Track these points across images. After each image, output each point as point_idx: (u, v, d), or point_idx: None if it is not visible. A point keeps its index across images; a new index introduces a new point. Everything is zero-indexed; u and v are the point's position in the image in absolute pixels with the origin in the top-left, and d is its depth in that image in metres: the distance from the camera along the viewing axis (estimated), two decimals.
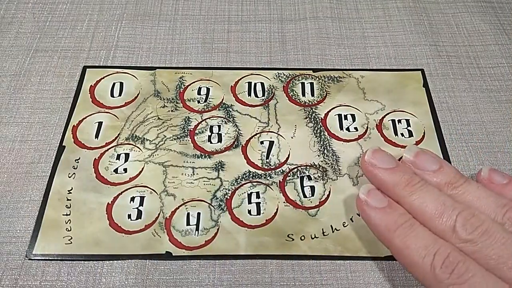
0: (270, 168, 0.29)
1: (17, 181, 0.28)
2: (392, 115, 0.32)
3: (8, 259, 0.26)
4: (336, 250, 0.26)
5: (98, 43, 0.36)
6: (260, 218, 0.27)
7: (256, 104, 0.32)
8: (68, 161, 0.29)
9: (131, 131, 0.31)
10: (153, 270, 0.25)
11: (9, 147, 0.30)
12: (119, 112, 0.32)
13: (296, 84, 0.33)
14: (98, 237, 0.26)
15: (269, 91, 0.33)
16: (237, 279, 0.25)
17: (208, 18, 0.38)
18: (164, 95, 0.32)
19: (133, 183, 0.28)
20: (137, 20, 0.37)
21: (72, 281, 0.25)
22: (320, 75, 0.34)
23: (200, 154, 0.30)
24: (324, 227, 0.27)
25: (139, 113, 0.32)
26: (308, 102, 0.32)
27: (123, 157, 0.29)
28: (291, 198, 0.28)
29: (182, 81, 0.33)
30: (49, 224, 0.27)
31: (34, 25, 0.37)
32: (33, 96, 0.32)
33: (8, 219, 0.27)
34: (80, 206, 0.27)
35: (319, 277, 0.25)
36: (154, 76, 0.34)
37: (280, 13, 0.38)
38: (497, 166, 0.30)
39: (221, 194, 0.28)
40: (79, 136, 0.30)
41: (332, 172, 0.29)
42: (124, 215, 0.27)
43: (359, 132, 0.31)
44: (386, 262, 0.26)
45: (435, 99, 0.33)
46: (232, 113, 0.32)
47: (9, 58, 0.34)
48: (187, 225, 0.27)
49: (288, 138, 0.30)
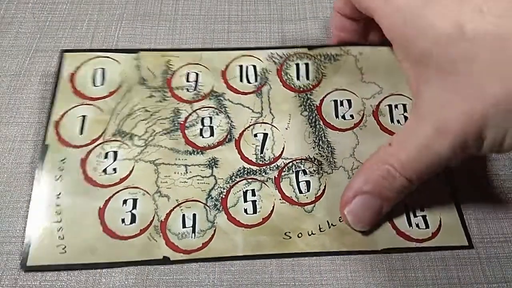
0: (264, 163, 0.28)
1: (17, 181, 0.28)
2: (389, 99, 0.31)
3: (8, 259, 0.26)
4: (333, 246, 0.26)
5: (98, 43, 0.36)
6: (257, 216, 0.27)
7: (248, 92, 0.31)
8: (53, 161, 0.28)
9: (117, 125, 0.29)
10: (153, 270, 0.25)
11: (9, 147, 0.30)
12: (103, 104, 0.30)
13: (290, 66, 0.32)
14: (93, 244, 0.25)
15: (261, 76, 0.32)
16: (237, 279, 0.25)
17: (208, 18, 0.38)
18: (150, 83, 0.31)
19: (124, 184, 0.27)
20: (137, 20, 0.37)
21: (72, 281, 0.25)
22: (316, 53, 0.33)
23: (192, 150, 0.29)
24: (321, 223, 0.27)
25: (125, 104, 0.30)
26: (303, 87, 0.31)
27: (112, 155, 0.28)
28: (287, 194, 0.27)
29: (169, 65, 0.32)
30: (41, 233, 0.26)
31: (34, 25, 0.37)
32: (33, 96, 0.32)
33: (8, 219, 0.27)
34: (71, 212, 0.26)
35: (319, 277, 0.25)
36: (138, 60, 0.32)
37: (280, 13, 0.38)
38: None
39: (216, 193, 0.27)
40: (62, 133, 0.29)
41: (327, 165, 0.29)
42: (118, 219, 0.26)
43: (355, 120, 0.30)
44: (386, 262, 0.26)
45: None
46: (224, 103, 0.31)
47: (9, 58, 0.34)
48: (183, 227, 0.26)
49: (283, 129, 0.30)
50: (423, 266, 0.26)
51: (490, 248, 0.27)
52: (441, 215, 0.27)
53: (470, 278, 0.25)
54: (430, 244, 0.26)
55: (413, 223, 0.27)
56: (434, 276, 0.25)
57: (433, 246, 0.26)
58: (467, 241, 0.26)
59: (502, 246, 0.27)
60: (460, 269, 0.26)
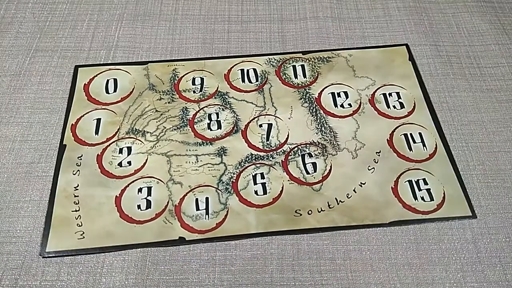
0: (271, 149, 0.30)
1: (17, 181, 0.28)
2: (383, 89, 0.33)
3: (8, 259, 0.26)
4: (343, 221, 0.27)
5: (98, 43, 0.36)
6: (267, 197, 0.28)
7: (250, 90, 0.33)
8: (70, 159, 0.29)
9: (130, 125, 0.31)
10: (153, 270, 0.25)
11: (9, 147, 0.30)
12: (116, 108, 0.32)
13: (287, 67, 0.34)
14: (110, 229, 0.27)
15: (262, 76, 0.34)
16: (237, 279, 0.25)
17: (208, 18, 0.38)
18: (159, 88, 0.33)
19: (138, 174, 0.29)
20: (137, 20, 0.37)
21: (72, 281, 0.25)
22: (310, 57, 0.35)
23: (201, 141, 0.30)
24: (329, 200, 0.28)
25: (137, 107, 0.32)
26: (301, 83, 0.33)
27: (126, 150, 0.30)
28: (295, 176, 0.29)
29: (176, 73, 0.34)
30: (59, 221, 0.27)
31: (34, 25, 0.37)
32: (33, 96, 0.32)
33: (8, 219, 0.27)
34: (89, 202, 0.28)
35: (319, 277, 0.25)
36: (147, 70, 0.34)
37: (280, 13, 0.38)
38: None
39: (226, 178, 0.29)
40: (79, 134, 0.31)
41: (332, 147, 0.30)
42: (134, 206, 0.28)
43: (353, 108, 0.32)
44: (386, 261, 0.26)
45: (435, 99, 0.33)
46: (229, 100, 0.33)
47: (9, 58, 0.34)
48: (196, 210, 0.27)
49: (286, 119, 0.32)
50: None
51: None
52: (445, 188, 0.28)
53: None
54: (435, 216, 0.27)
55: (418, 196, 0.28)
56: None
57: (438, 218, 0.27)
58: (471, 211, 0.28)
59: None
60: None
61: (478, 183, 0.29)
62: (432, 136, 0.31)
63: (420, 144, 0.30)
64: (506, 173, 0.29)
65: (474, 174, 0.29)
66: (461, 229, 0.27)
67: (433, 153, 0.30)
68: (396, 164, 0.29)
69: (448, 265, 0.26)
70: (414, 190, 0.28)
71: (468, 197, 0.28)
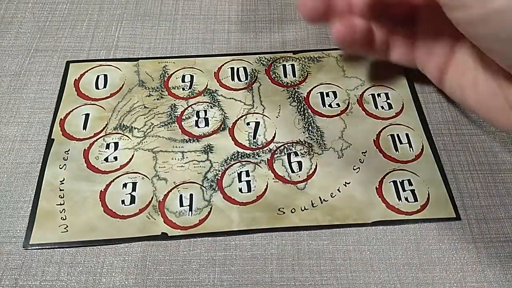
0: (257, 147, 0.30)
1: (17, 181, 0.28)
2: (372, 89, 0.33)
3: (8, 259, 0.26)
4: (325, 220, 0.27)
5: (98, 43, 0.36)
6: (251, 195, 0.28)
7: (240, 88, 0.33)
8: (58, 153, 0.29)
9: (118, 120, 0.31)
10: (153, 270, 0.25)
11: (9, 147, 0.30)
12: (105, 103, 0.32)
13: (277, 66, 0.34)
14: (94, 223, 0.27)
15: (252, 75, 0.34)
16: (237, 279, 0.25)
17: (208, 18, 0.38)
18: (148, 84, 0.33)
19: (124, 170, 0.29)
20: (137, 20, 0.37)
21: (72, 281, 0.25)
22: (300, 56, 0.35)
23: (188, 138, 0.30)
24: (313, 199, 0.28)
25: (125, 103, 0.32)
26: (291, 82, 0.34)
27: (113, 146, 0.30)
28: (280, 174, 0.29)
29: (166, 70, 0.34)
30: (43, 214, 0.27)
31: (34, 25, 0.37)
32: (33, 96, 0.32)
33: (8, 219, 0.27)
34: (74, 196, 0.28)
35: (319, 277, 0.25)
36: (137, 67, 0.34)
37: (280, 13, 0.38)
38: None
39: (211, 175, 0.29)
40: (67, 129, 0.31)
41: (318, 147, 0.30)
42: (118, 201, 0.28)
43: (341, 108, 0.32)
44: (387, 261, 0.26)
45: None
46: (217, 98, 0.33)
47: (9, 58, 0.34)
48: (180, 206, 0.27)
49: (273, 118, 0.32)
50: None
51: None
52: (429, 189, 0.28)
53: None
54: (419, 217, 0.27)
55: (402, 197, 0.28)
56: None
57: (421, 219, 0.27)
58: (455, 213, 0.27)
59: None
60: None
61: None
62: (419, 137, 0.31)
63: (407, 145, 0.30)
64: (496, 175, 0.29)
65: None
66: (461, 229, 0.27)
67: (419, 154, 0.30)
68: (382, 165, 0.29)
69: (448, 265, 0.26)
70: (398, 191, 0.28)
71: (453, 198, 0.28)
